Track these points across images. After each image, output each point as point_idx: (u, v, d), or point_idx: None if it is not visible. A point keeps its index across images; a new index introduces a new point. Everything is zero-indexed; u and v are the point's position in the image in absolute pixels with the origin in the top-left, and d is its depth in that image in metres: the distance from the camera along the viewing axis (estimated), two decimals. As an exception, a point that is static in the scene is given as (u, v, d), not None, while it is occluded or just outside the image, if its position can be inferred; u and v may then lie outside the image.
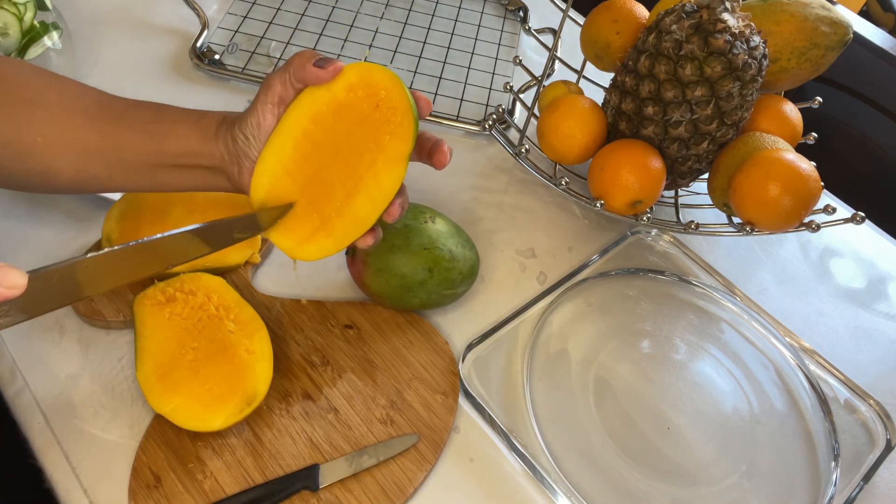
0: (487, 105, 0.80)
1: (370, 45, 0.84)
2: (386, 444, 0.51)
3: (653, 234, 0.70)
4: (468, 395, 0.55)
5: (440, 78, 0.82)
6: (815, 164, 0.58)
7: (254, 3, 0.87)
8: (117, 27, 0.81)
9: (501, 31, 0.91)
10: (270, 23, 0.85)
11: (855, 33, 0.64)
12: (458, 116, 0.78)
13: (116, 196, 0.61)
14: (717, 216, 0.67)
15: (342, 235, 0.45)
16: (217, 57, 0.79)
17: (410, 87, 0.79)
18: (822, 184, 0.57)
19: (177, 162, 0.45)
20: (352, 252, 0.57)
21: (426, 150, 0.47)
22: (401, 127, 0.44)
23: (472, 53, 0.86)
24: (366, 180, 0.45)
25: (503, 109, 0.72)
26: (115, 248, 0.36)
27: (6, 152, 0.44)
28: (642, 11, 0.67)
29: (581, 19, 0.74)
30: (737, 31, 0.56)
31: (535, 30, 0.85)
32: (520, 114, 0.78)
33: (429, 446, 0.52)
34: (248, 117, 0.45)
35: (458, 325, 0.60)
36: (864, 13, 1.44)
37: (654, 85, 0.59)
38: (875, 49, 1.00)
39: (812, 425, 0.58)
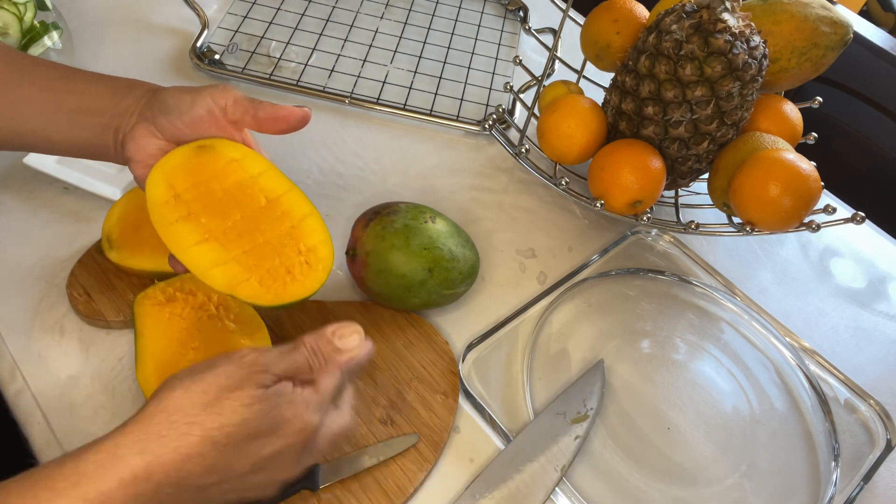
0: (487, 105, 0.80)
1: (370, 45, 0.84)
2: (386, 444, 0.51)
3: (653, 234, 0.70)
4: (468, 395, 0.55)
5: (440, 78, 0.82)
6: (815, 164, 0.58)
7: (254, 3, 0.87)
8: (117, 27, 0.81)
9: (501, 31, 0.91)
10: (270, 23, 0.85)
11: (855, 33, 0.64)
12: (458, 116, 0.78)
13: (117, 196, 0.61)
14: (717, 216, 0.67)
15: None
16: (217, 57, 0.79)
17: (410, 87, 0.79)
18: (822, 184, 0.57)
19: (74, 119, 0.45)
20: (352, 252, 0.57)
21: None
22: (300, 283, 0.45)
23: (472, 53, 0.86)
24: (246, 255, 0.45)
25: (503, 109, 0.72)
26: None
27: None
28: (642, 11, 0.67)
29: (581, 19, 0.74)
30: (737, 31, 0.56)
31: (535, 30, 0.85)
32: (520, 114, 0.79)
33: (429, 446, 0.52)
34: (185, 93, 0.44)
35: (458, 325, 0.60)
36: (864, 13, 1.44)
37: (654, 85, 0.59)
38: (875, 49, 1.00)
39: (812, 425, 0.58)
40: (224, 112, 0.45)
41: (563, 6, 0.68)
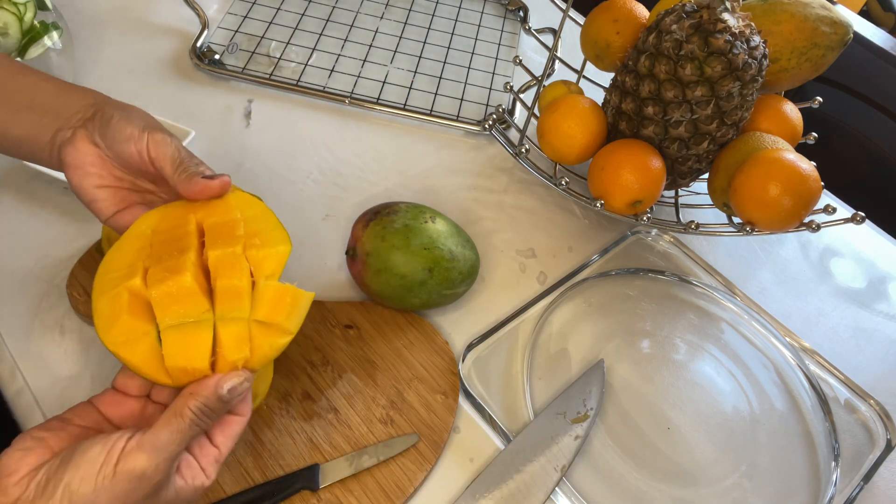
0: (487, 105, 0.80)
1: (370, 45, 0.84)
2: (386, 444, 0.51)
3: (653, 234, 0.70)
4: (468, 395, 0.55)
5: (440, 78, 0.82)
6: (815, 164, 0.58)
7: (254, 3, 0.87)
8: (117, 27, 0.81)
9: (501, 31, 0.91)
10: (270, 23, 0.85)
11: (855, 33, 0.64)
12: (458, 116, 0.78)
13: (116, 196, 0.61)
14: (717, 216, 0.67)
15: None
16: (217, 57, 0.79)
17: (410, 87, 0.79)
18: (822, 184, 0.57)
19: (14, 116, 0.44)
20: (352, 252, 0.57)
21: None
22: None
23: (473, 53, 0.86)
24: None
25: (503, 109, 0.72)
26: None
27: None
28: (642, 11, 0.67)
29: (581, 19, 0.74)
30: (737, 31, 0.56)
31: (535, 30, 0.85)
32: (520, 114, 0.79)
33: (429, 446, 0.52)
34: (127, 125, 0.43)
35: (458, 325, 0.60)
36: (864, 13, 1.44)
37: (655, 85, 0.59)
38: (875, 49, 1.00)
39: (812, 425, 0.58)
40: (151, 163, 0.43)
41: (563, 6, 0.68)
